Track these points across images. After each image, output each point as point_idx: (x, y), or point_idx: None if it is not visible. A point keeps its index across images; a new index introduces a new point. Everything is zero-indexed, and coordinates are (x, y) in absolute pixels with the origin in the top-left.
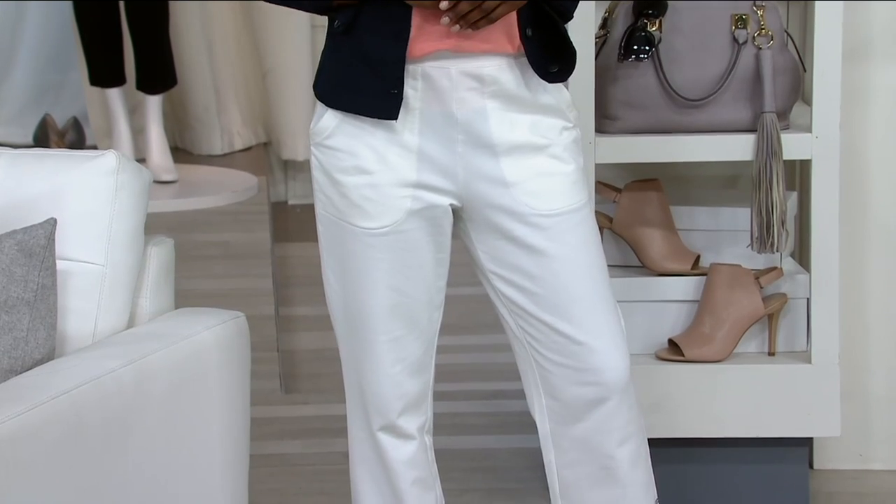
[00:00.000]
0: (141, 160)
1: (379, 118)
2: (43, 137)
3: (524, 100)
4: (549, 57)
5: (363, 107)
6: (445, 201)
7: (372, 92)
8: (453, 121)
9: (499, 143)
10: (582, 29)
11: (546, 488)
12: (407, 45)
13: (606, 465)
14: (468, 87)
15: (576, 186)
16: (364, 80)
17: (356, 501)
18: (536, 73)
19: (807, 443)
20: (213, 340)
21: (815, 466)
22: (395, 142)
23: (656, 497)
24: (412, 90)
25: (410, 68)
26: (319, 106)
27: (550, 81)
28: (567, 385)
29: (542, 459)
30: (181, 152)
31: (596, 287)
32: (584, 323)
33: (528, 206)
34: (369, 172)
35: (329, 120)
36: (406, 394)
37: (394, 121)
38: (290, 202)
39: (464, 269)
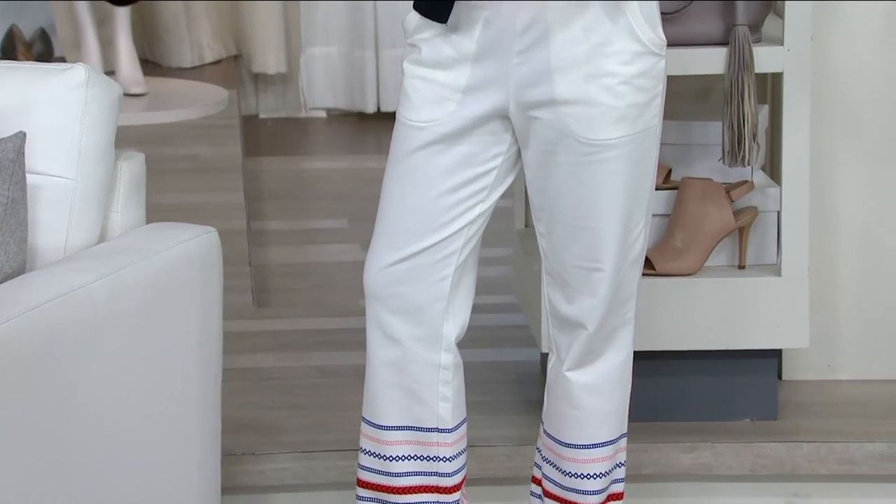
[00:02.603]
0: (110, 72)
1: (431, 19)
2: (9, 49)
3: (590, 17)
4: None
5: (424, 7)
6: (490, 108)
7: None
8: (513, 31)
9: (555, 58)
10: None
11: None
12: None
13: (562, 383)
14: None
15: (622, 121)
16: None
17: None
18: None
19: (776, 354)
20: (185, 255)
21: (784, 377)
22: (455, 47)
23: (624, 433)
24: None
25: None
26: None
27: None
28: (556, 296)
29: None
30: (150, 64)
31: (609, 221)
32: (588, 252)
33: (567, 127)
34: (425, 66)
35: (411, 19)
36: (399, 295)
37: (454, 27)
38: (261, 115)
39: None
